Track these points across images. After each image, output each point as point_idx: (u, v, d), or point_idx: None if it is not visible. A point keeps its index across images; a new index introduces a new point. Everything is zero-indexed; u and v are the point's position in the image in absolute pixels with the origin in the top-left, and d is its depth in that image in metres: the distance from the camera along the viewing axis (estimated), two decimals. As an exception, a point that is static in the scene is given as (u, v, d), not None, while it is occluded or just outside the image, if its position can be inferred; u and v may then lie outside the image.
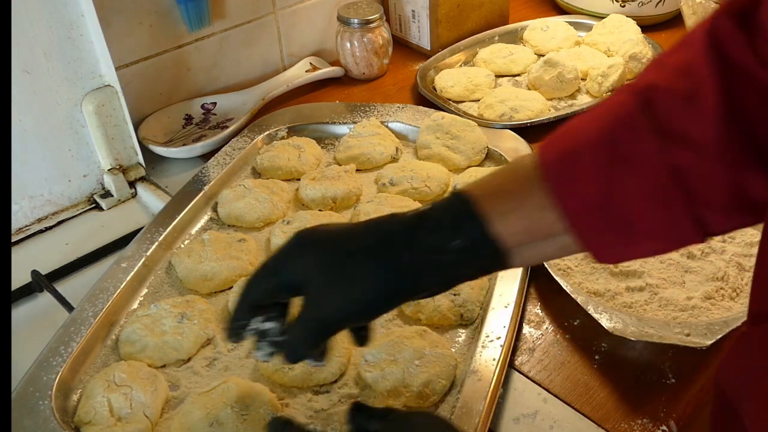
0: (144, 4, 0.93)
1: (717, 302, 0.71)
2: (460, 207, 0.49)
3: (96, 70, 0.90)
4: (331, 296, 0.50)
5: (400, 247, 0.49)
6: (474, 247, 0.48)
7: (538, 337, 0.71)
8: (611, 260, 0.51)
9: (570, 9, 1.30)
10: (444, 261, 0.49)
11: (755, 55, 0.43)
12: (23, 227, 0.90)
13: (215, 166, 0.92)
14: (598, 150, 0.47)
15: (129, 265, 0.77)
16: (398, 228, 0.51)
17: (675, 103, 0.45)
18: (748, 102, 0.44)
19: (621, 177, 0.46)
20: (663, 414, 0.63)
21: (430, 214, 0.50)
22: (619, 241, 0.49)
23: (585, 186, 0.47)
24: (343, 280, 0.50)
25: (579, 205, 0.47)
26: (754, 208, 0.48)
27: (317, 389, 0.66)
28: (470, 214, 0.48)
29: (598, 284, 0.73)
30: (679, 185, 0.45)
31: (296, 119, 1.01)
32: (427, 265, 0.49)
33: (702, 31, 0.46)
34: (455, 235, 0.48)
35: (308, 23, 1.15)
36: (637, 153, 0.46)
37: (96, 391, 0.63)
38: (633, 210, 0.47)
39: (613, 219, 0.47)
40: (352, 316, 0.51)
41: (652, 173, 0.45)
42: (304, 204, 0.88)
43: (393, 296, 0.51)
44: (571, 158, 0.48)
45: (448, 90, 1.08)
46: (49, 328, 0.70)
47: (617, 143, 0.46)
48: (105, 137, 0.92)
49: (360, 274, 0.49)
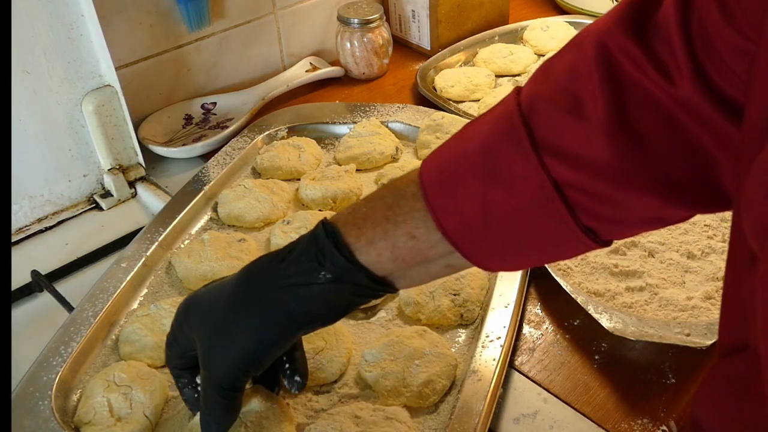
0: (144, 4, 0.93)
1: (717, 302, 0.70)
2: (324, 238, 0.48)
3: (96, 70, 0.90)
4: (217, 354, 0.49)
5: (266, 285, 0.48)
6: (346, 276, 0.47)
7: (538, 337, 0.71)
8: (506, 270, 0.50)
9: (570, 9, 1.30)
10: (318, 292, 0.47)
11: (654, 64, 0.41)
12: (23, 227, 0.90)
13: (215, 166, 0.92)
14: (476, 166, 0.45)
15: (129, 265, 0.77)
16: (261, 267, 0.50)
17: (558, 116, 0.43)
18: (642, 122, 0.41)
19: (497, 194, 0.44)
20: (663, 414, 0.63)
21: (294, 247, 0.49)
22: (507, 254, 0.48)
23: (464, 205, 0.45)
24: (223, 335, 0.49)
25: (458, 224, 0.46)
26: (658, 222, 0.46)
27: (317, 389, 0.66)
28: (335, 244, 0.47)
29: (598, 284, 0.73)
30: (561, 200, 0.43)
31: (296, 119, 1.01)
32: (300, 299, 0.48)
33: (592, 40, 0.44)
34: (321, 267, 0.47)
35: (308, 23, 1.15)
36: (513, 168, 0.44)
37: (96, 391, 0.63)
38: (514, 226, 0.45)
39: (496, 235, 0.46)
40: (244, 365, 0.49)
41: (530, 189, 0.44)
42: (304, 204, 0.88)
43: (277, 336, 0.49)
44: (450, 176, 0.46)
45: (448, 90, 1.08)
46: (49, 328, 0.70)
47: (494, 158, 0.45)
48: (105, 137, 0.92)
49: (237, 325, 0.49)
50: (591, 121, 0.42)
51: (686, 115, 0.41)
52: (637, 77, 0.41)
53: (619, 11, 0.44)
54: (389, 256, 0.47)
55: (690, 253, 0.76)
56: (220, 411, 0.51)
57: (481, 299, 0.72)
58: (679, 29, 0.40)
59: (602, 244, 0.46)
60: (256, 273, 0.50)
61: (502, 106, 0.47)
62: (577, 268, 0.75)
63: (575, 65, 0.44)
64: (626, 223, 0.46)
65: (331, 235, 0.48)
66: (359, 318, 0.73)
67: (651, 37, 0.42)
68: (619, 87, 0.42)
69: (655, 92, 0.41)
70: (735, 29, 0.37)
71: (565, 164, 0.43)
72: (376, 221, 0.47)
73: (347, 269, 0.47)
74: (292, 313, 0.48)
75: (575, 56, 0.45)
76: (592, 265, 0.75)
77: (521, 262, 0.51)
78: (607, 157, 0.42)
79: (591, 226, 0.45)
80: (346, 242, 0.47)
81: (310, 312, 0.48)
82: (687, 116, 0.41)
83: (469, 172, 0.46)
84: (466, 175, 0.46)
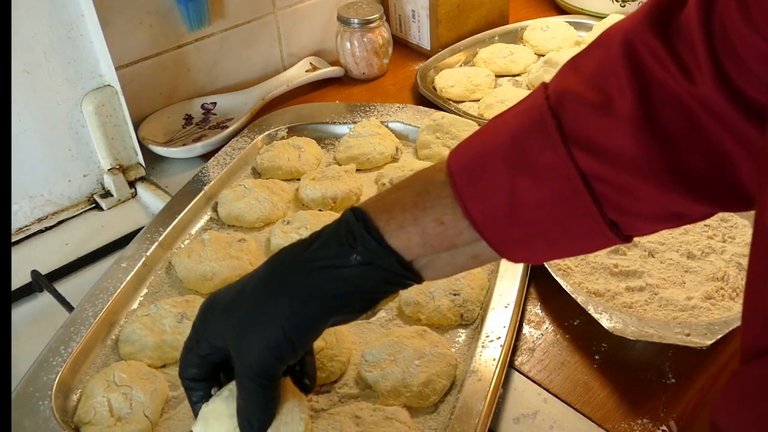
0: (144, 4, 0.93)
1: (717, 302, 0.70)
2: (354, 221, 0.48)
3: (96, 70, 0.90)
4: (251, 340, 0.48)
5: (295, 269, 0.48)
6: (377, 259, 0.47)
7: (538, 337, 0.71)
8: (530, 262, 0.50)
9: (570, 9, 1.30)
10: (348, 275, 0.48)
11: (677, 63, 0.42)
12: (23, 227, 0.90)
13: (215, 166, 0.92)
14: (505, 156, 0.46)
15: (129, 265, 0.77)
16: (287, 254, 0.50)
17: (586, 111, 0.44)
18: (666, 120, 0.42)
19: (525, 184, 0.45)
20: (663, 414, 0.63)
21: (323, 232, 0.49)
22: (533, 244, 0.48)
23: (492, 193, 0.46)
24: (255, 321, 0.48)
25: (486, 213, 0.46)
26: (680, 218, 0.47)
27: (317, 389, 0.66)
28: (366, 228, 0.47)
29: (598, 284, 0.73)
30: (588, 192, 0.44)
31: (296, 119, 1.01)
32: (331, 280, 0.48)
33: (618, 39, 0.45)
34: (352, 250, 0.47)
35: (308, 23, 1.15)
36: (541, 159, 0.45)
37: (96, 391, 0.63)
38: (541, 216, 0.46)
39: (522, 224, 0.46)
40: (279, 351, 0.49)
41: (558, 180, 0.44)
42: (304, 204, 0.88)
43: (310, 319, 0.49)
44: (479, 165, 0.47)
45: (448, 90, 1.08)
46: (49, 328, 0.70)
47: (523, 149, 0.46)
48: (105, 137, 0.92)
49: (269, 310, 0.48)
50: (618, 117, 0.43)
51: (706, 114, 0.41)
52: (662, 75, 0.42)
53: (645, 10, 0.45)
54: (418, 241, 0.47)
55: (690, 253, 0.76)
56: (258, 404, 0.50)
57: (481, 299, 0.72)
58: (700, 29, 0.41)
59: (623, 239, 0.47)
60: (283, 259, 0.50)
61: (530, 100, 0.48)
62: (577, 268, 0.75)
63: (603, 62, 0.45)
64: (649, 217, 0.46)
65: (361, 219, 0.48)
66: (359, 318, 0.73)
67: (674, 37, 0.43)
68: (644, 84, 0.43)
69: (678, 90, 0.42)
70: (755, 31, 0.37)
71: (593, 157, 0.44)
72: (405, 207, 0.48)
73: (378, 253, 0.47)
74: (324, 296, 0.48)
75: (602, 53, 0.46)
76: (592, 265, 0.75)
77: (546, 254, 0.52)
78: (634, 151, 0.43)
79: (615, 220, 0.45)
80: (376, 226, 0.47)
81: (340, 295, 0.48)
82: (707, 115, 0.41)
83: (497, 161, 0.46)
84: (494, 164, 0.46)
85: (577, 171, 0.44)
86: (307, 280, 0.48)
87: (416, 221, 0.47)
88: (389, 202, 0.49)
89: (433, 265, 0.50)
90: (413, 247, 0.48)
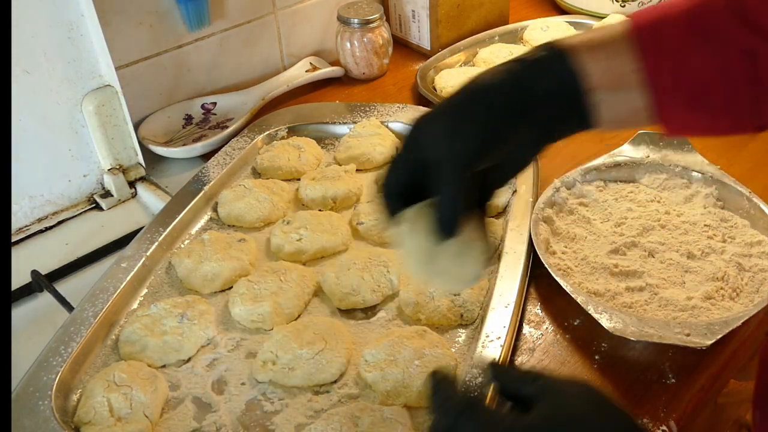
0: (144, 4, 0.93)
1: (717, 302, 0.70)
2: (552, 46, 0.54)
3: (96, 70, 0.90)
4: (461, 133, 0.52)
5: (489, 79, 0.54)
6: (562, 80, 0.52)
7: (538, 337, 0.71)
8: (672, 125, 0.54)
9: (570, 9, 1.30)
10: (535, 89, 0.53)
11: None
12: (23, 227, 0.90)
13: (215, 166, 0.92)
14: (682, 23, 0.52)
15: (129, 265, 0.77)
16: (481, 74, 0.55)
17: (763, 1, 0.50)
18: None
19: (697, 49, 0.51)
20: (663, 414, 0.63)
21: (525, 56, 0.56)
22: (684, 104, 0.53)
23: (665, 48, 0.52)
24: (464, 121, 0.53)
25: (656, 64, 0.51)
26: None
27: (317, 389, 0.66)
28: (560, 49, 0.53)
29: (598, 284, 0.73)
30: (748, 69, 0.50)
31: (296, 119, 1.01)
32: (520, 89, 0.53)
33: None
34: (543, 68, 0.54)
35: (308, 23, 1.15)
36: (715, 31, 0.51)
37: (96, 391, 0.63)
38: (700, 79, 0.51)
39: (682, 82, 0.52)
40: (482, 146, 0.53)
41: (725, 51, 0.50)
42: (304, 204, 0.88)
43: (503, 124, 0.53)
44: (658, 24, 0.52)
45: (448, 90, 1.08)
46: (49, 328, 0.70)
47: (699, 20, 0.51)
48: (105, 137, 0.92)
49: (471, 112, 0.53)
50: None
51: None
52: None
53: None
54: (605, 66, 0.52)
55: (690, 253, 0.76)
56: (453, 191, 0.53)
57: (481, 299, 0.72)
58: None
59: (755, 126, 0.53)
60: (476, 78, 0.54)
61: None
62: (577, 268, 0.75)
63: None
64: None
65: (557, 44, 0.54)
66: (359, 318, 0.73)
67: None
68: None
69: None
70: None
71: (763, 38, 0.49)
72: (597, 40, 0.53)
73: (566, 73, 0.52)
74: (513, 102, 0.53)
75: None
76: (592, 265, 0.75)
77: (688, 120, 0.55)
78: None
79: (762, 101, 0.51)
80: (569, 47, 0.53)
81: (526, 105, 0.53)
82: None
83: (675, 24, 0.52)
84: (671, 26, 0.52)
85: (744, 48, 0.50)
86: (501, 88, 0.54)
87: (605, 48, 0.53)
88: (581, 36, 0.54)
89: (609, 104, 0.53)
90: (601, 72, 0.52)
